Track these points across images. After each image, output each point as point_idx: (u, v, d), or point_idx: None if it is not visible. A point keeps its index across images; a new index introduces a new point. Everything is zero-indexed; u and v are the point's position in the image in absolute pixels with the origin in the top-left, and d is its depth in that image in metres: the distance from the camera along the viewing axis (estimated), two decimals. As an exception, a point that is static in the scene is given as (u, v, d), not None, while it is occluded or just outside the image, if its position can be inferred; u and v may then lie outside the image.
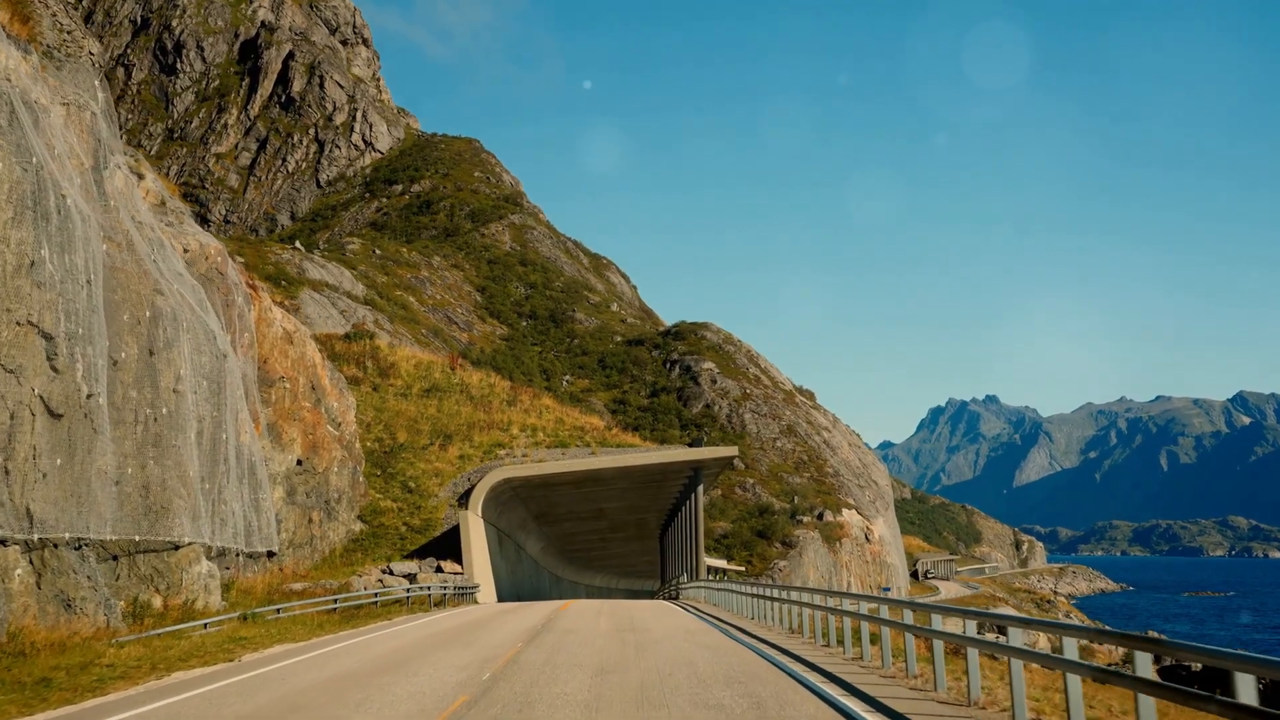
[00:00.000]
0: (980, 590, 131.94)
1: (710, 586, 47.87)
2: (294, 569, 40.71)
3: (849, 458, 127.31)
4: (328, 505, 46.91)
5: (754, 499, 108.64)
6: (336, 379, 52.30)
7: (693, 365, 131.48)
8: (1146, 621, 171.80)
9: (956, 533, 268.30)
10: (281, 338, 43.98)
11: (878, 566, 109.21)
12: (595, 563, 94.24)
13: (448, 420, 63.49)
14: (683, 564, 63.16)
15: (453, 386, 71.41)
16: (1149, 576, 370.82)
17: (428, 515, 53.06)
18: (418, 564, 45.36)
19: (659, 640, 24.43)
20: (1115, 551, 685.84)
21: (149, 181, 32.61)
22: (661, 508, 73.70)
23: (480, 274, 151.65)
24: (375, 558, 47.27)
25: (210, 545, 30.35)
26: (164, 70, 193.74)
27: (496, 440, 61.18)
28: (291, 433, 43.25)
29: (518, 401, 71.03)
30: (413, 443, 59.75)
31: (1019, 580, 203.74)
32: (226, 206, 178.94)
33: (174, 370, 28.43)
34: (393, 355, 75.07)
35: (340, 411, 50.66)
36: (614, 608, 38.51)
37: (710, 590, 47.28)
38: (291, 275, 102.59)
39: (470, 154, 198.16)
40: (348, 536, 48.65)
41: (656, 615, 34.87)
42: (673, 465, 60.34)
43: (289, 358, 44.15)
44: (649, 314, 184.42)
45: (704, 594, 49.02)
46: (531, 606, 40.58)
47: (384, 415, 62.50)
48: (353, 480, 50.83)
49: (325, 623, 30.17)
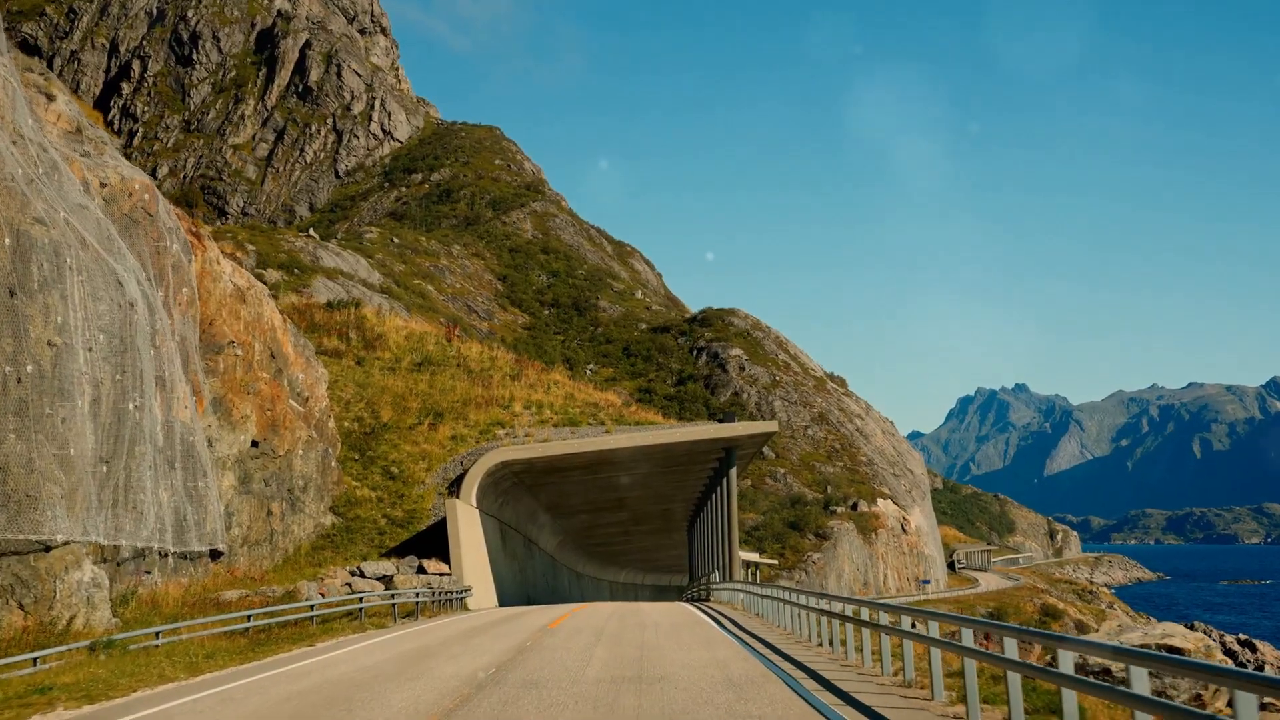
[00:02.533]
0: (1021, 582, 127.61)
1: (750, 590, 37.96)
2: (248, 571, 34.99)
3: (883, 445, 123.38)
4: (291, 495, 40.70)
5: (785, 489, 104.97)
6: (303, 346, 45.62)
7: (720, 352, 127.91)
8: (1186, 611, 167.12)
9: (990, 522, 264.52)
10: (231, 295, 37.68)
11: (914, 558, 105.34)
12: (618, 558, 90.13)
13: (440, 397, 55.80)
14: (714, 559, 56.26)
15: (448, 360, 63.80)
16: (1185, 565, 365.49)
17: (412, 506, 46.25)
18: (395, 564, 38.99)
19: (682, 710, 14.25)
20: (1148, 540, 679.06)
21: (61, 104, 28.55)
22: (689, 496, 67.42)
23: (501, 262, 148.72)
24: (349, 556, 41.01)
25: (107, 544, 24.76)
26: (180, 62, 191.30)
27: (496, 419, 53.51)
28: (244, 408, 37.13)
29: (523, 376, 62.97)
30: (398, 422, 52.55)
31: (1056, 570, 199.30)
32: (244, 199, 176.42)
33: (52, 319, 23.05)
34: (381, 326, 67.55)
35: (308, 384, 44.31)
36: (622, 626, 28.58)
37: (750, 595, 37.87)
38: (305, 263, 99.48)
39: (491, 142, 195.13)
40: (316, 531, 42.43)
41: (679, 637, 24.92)
42: (701, 444, 52.42)
43: (241, 319, 37.84)
44: (675, 302, 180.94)
45: (741, 598, 41.04)
46: (523, 618, 33.22)
47: (367, 392, 55.29)
48: (323, 465, 44.38)
49: (220, 652, 22.87)
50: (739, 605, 40.60)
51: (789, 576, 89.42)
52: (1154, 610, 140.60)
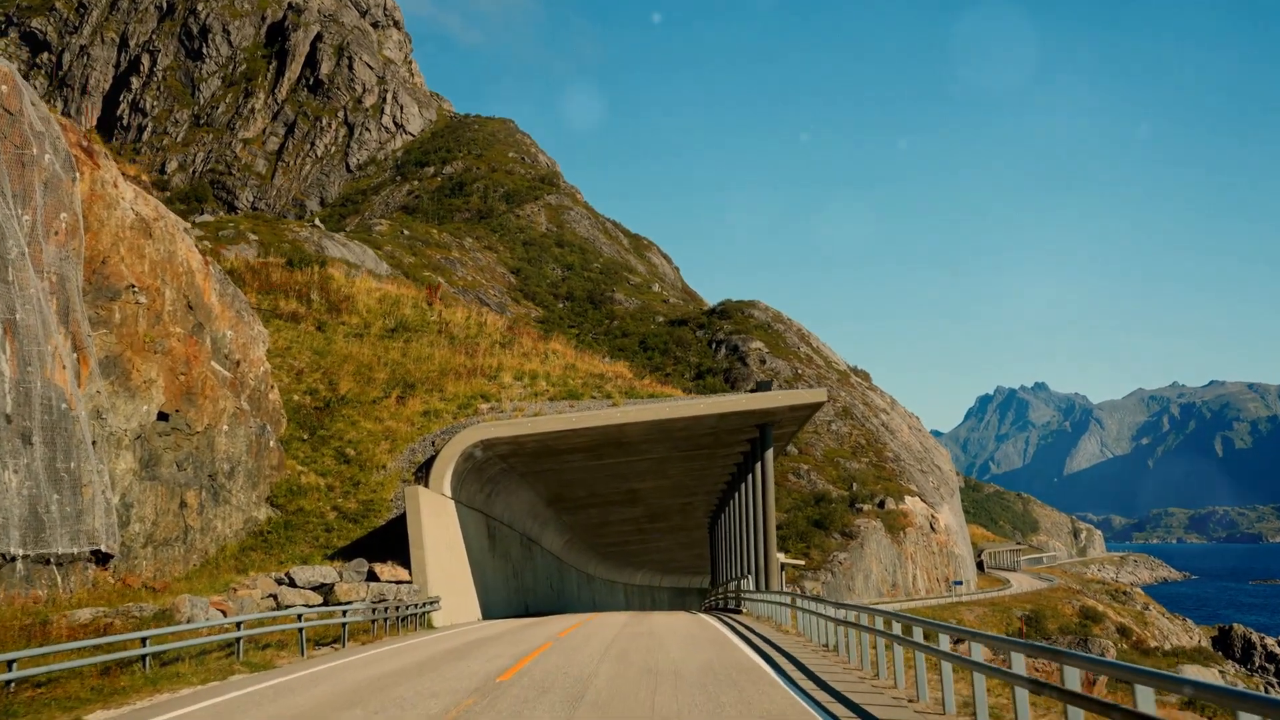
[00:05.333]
0: (1056, 583, 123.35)
1: (818, 611, 25.01)
2: (154, 577, 28.19)
3: (909, 441, 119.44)
4: (213, 482, 33.16)
5: (809, 486, 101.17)
6: (232, 297, 37.83)
7: (740, 345, 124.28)
8: (1218, 612, 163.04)
9: (1013, 521, 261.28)
10: (133, 228, 29.74)
11: (944, 558, 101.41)
12: (634, 558, 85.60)
13: (414, 367, 48.16)
14: (743, 562, 48.16)
15: (427, 325, 55.77)
16: (1210, 564, 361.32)
17: (369, 495, 38.37)
18: (339, 568, 31.18)
19: None
20: (1170, 539, 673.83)
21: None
22: (712, 488, 60.29)
23: (515, 255, 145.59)
24: (287, 558, 33.04)
25: None
26: (190, 56, 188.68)
27: (479, 390, 45.64)
28: (148, 370, 29.65)
29: (516, 344, 54.72)
30: (360, 395, 44.49)
31: (1081, 569, 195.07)
32: (254, 193, 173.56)
33: None
34: (349, 287, 59.62)
35: (239, 346, 36.43)
36: (622, 671, 19.53)
37: (807, 613, 26.70)
38: (309, 253, 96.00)
39: (505, 134, 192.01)
40: (247, 528, 34.70)
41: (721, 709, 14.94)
42: (730, 418, 43.27)
43: (146, 259, 30.11)
44: (692, 296, 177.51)
45: (788, 614, 30.86)
46: (492, 645, 24.99)
47: (325, 360, 47.33)
48: (257, 445, 36.42)
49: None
50: (790, 627, 30.23)
51: (814, 578, 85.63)
52: (1186, 611, 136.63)
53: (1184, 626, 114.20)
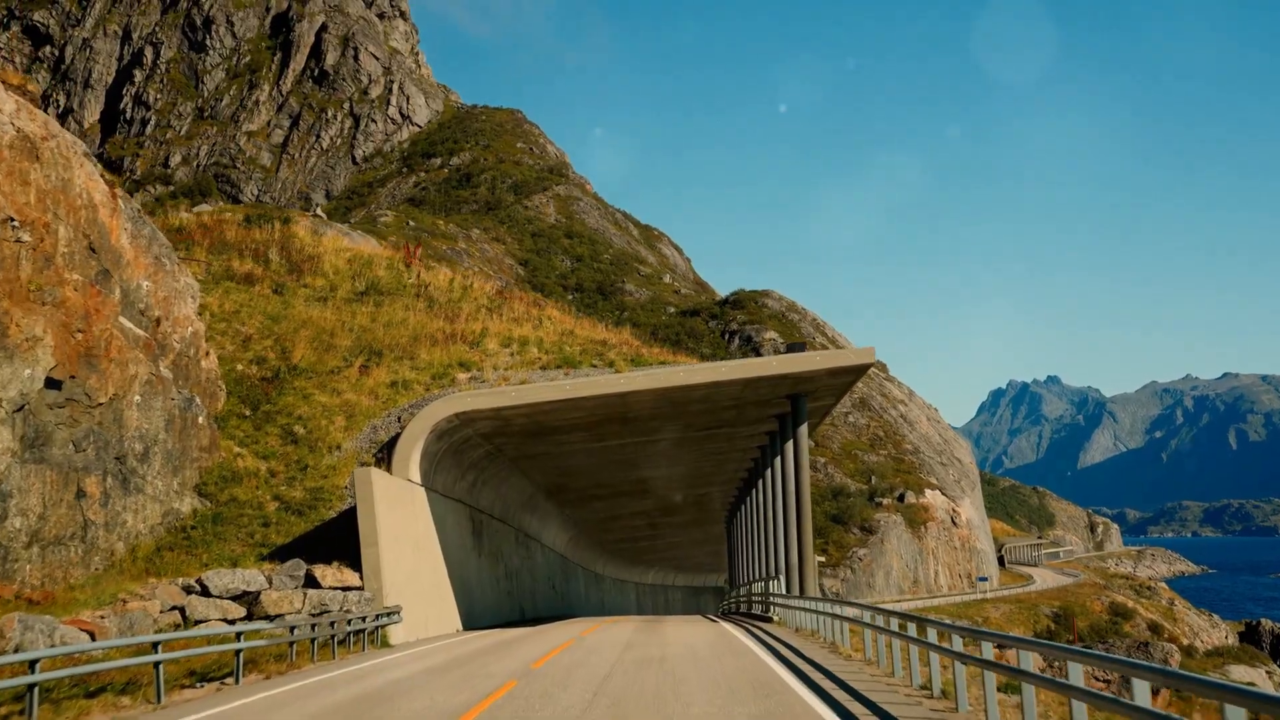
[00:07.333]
0: (1081, 578, 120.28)
1: (906, 632, 17.30)
2: (40, 584, 23.06)
3: (929, 433, 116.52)
4: (122, 465, 27.30)
5: (826, 480, 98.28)
6: (149, 239, 31.55)
7: (754, 335, 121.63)
8: (1240, 606, 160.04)
9: (1029, 515, 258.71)
10: (12, 146, 23.97)
11: (967, 553, 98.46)
12: (645, 556, 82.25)
13: (384, 333, 41.95)
14: (767, 560, 42.81)
15: (404, 288, 49.09)
16: (1227, 558, 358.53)
17: (318, 483, 32.23)
18: (270, 571, 25.65)
19: None
20: (1185, 533, 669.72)
21: None
22: (731, 477, 53.64)
23: (523, 247, 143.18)
24: (213, 559, 27.18)
25: None
26: (193, 48, 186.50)
27: (458, 358, 39.65)
28: (32, 326, 23.87)
29: (505, 310, 47.88)
30: (317, 364, 38.39)
31: (1101, 564, 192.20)
32: (259, 186, 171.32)
33: None
34: (315, 246, 53.12)
35: (159, 300, 30.60)
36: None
37: (889, 634, 18.44)
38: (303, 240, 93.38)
39: (512, 125, 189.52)
40: (166, 522, 28.87)
41: None
42: (757, 384, 35.87)
43: (31, 186, 24.37)
44: (704, 287, 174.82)
45: (840, 632, 24.60)
46: (424, 689, 17.75)
47: (279, 325, 41.13)
48: (181, 422, 30.41)
49: None
50: (850, 650, 23.40)
51: (834, 575, 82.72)
52: (1208, 605, 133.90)
53: (1211, 622, 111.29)
